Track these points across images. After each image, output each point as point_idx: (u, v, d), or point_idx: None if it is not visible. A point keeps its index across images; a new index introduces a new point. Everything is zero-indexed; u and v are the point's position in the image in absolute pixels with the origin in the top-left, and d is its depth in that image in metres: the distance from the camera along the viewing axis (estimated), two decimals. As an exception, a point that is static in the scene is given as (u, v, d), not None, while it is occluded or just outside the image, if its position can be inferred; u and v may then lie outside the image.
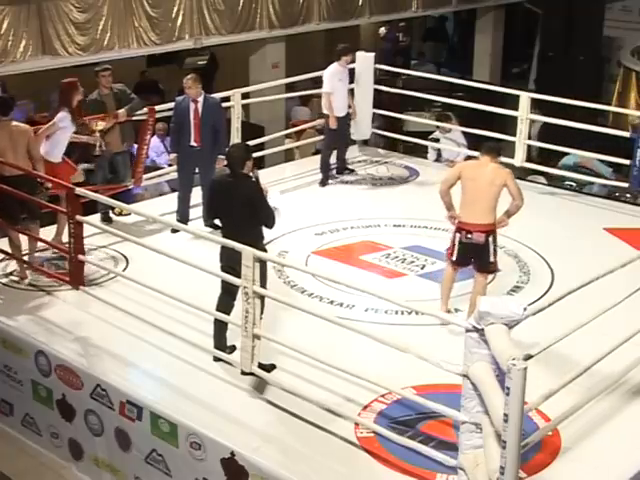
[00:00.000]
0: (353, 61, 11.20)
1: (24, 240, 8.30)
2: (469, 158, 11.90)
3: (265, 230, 6.75)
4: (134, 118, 9.63)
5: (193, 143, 9.10)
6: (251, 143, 9.48)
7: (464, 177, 7.23)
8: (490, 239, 7.23)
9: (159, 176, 10.64)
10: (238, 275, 6.33)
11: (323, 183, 11.02)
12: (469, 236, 7.19)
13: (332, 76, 10.72)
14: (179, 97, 9.37)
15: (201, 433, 5.98)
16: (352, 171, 11.45)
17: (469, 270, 8.48)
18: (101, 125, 9.18)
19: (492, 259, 7.32)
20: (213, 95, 9.60)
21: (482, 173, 7.19)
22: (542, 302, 6.10)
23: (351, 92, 11.45)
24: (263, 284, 6.40)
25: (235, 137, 10.70)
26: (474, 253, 7.32)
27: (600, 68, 18.55)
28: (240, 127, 10.84)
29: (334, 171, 11.29)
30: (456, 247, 7.33)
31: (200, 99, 9.08)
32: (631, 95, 16.06)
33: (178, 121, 9.17)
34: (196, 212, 9.32)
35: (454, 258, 7.40)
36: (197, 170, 9.35)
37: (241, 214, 6.59)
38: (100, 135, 9.17)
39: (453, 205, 7.40)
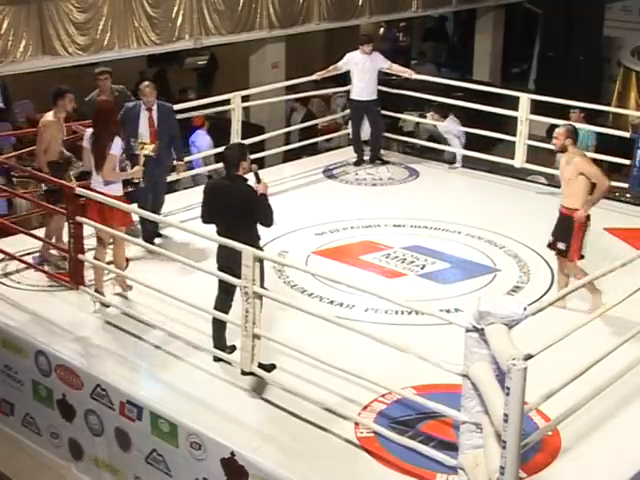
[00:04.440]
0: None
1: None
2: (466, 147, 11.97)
3: (264, 230, 6.72)
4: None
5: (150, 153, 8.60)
6: (251, 143, 9.48)
7: None
8: None
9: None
10: (235, 275, 6.33)
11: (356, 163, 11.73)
12: None
13: (348, 59, 11.36)
14: (129, 104, 8.89)
15: (201, 433, 5.98)
16: (386, 162, 11.73)
17: (469, 270, 8.52)
18: (148, 149, 8.26)
19: None
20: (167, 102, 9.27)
21: None
22: (542, 302, 6.10)
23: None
24: (261, 283, 6.38)
25: (235, 138, 10.70)
26: None
27: (600, 68, 18.54)
28: (240, 128, 10.85)
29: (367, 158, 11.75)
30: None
31: (154, 107, 8.75)
32: (631, 95, 16.06)
33: (130, 130, 8.52)
34: (195, 213, 9.29)
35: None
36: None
37: (236, 216, 6.53)
38: (144, 162, 8.06)
39: None
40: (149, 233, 8.81)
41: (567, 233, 7.54)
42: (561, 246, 7.62)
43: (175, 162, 9.11)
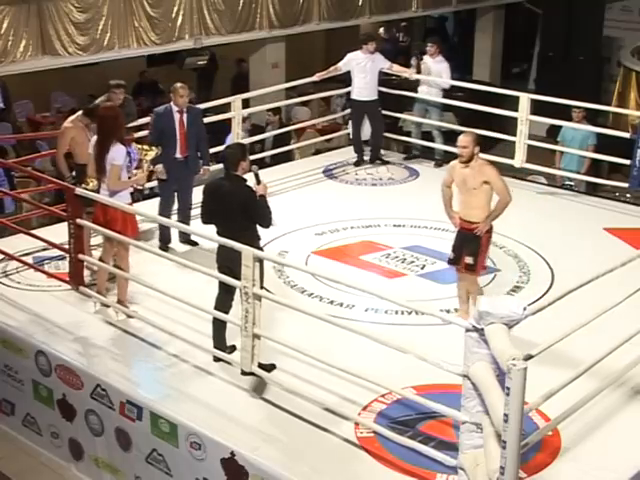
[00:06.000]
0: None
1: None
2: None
3: (264, 230, 6.71)
4: None
5: (179, 155, 8.68)
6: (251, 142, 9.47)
7: None
8: None
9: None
10: (235, 275, 6.33)
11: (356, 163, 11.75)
12: None
13: (349, 59, 11.37)
14: (159, 108, 8.85)
15: (201, 433, 5.98)
16: (386, 162, 11.78)
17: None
18: (151, 154, 8.08)
19: None
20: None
21: None
22: (542, 302, 6.10)
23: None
24: (260, 283, 6.37)
25: (236, 140, 10.69)
26: None
27: (600, 68, 18.54)
28: (241, 131, 10.84)
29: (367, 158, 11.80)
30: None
31: (184, 108, 8.71)
32: (631, 95, 16.03)
33: (161, 133, 8.62)
34: (195, 213, 9.30)
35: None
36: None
37: (235, 217, 6.52)
38: (147, 167, 7.99)
39: None
40: (166, 236, 8.82)
41: (475, 248, 7.26)
42: (469, 260, 7.31)
43: (203, 167, 9.02)
